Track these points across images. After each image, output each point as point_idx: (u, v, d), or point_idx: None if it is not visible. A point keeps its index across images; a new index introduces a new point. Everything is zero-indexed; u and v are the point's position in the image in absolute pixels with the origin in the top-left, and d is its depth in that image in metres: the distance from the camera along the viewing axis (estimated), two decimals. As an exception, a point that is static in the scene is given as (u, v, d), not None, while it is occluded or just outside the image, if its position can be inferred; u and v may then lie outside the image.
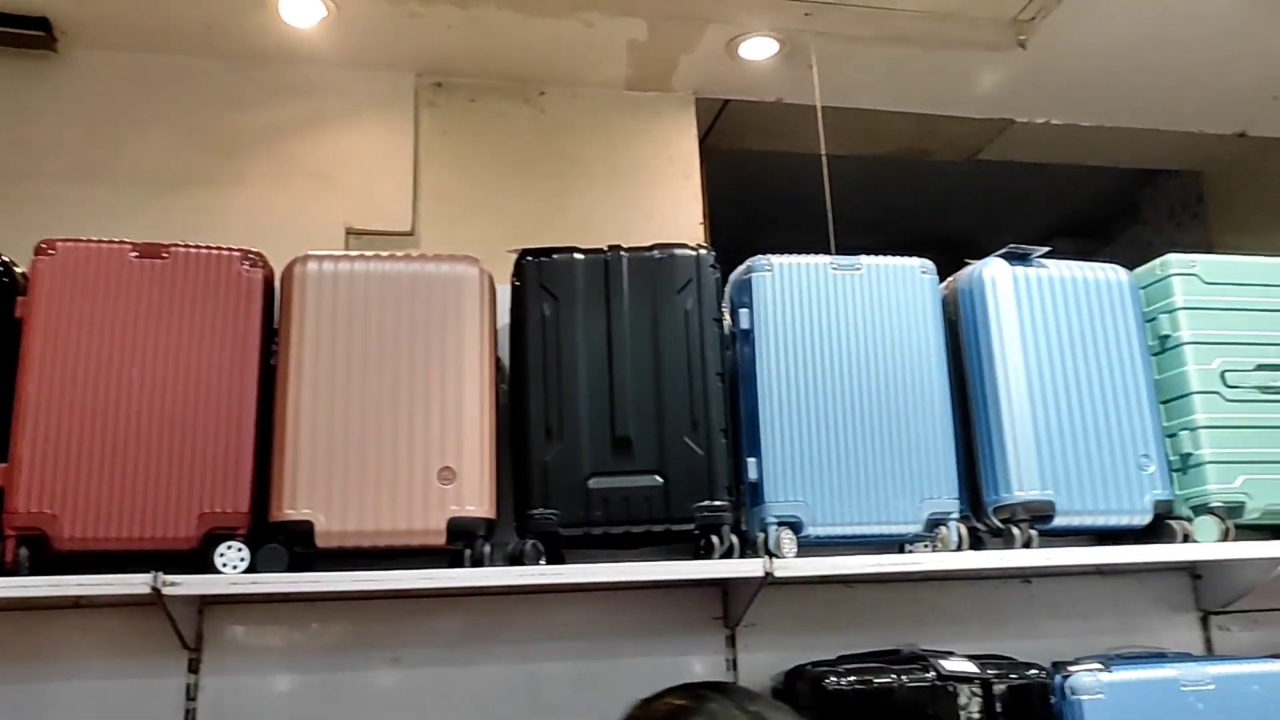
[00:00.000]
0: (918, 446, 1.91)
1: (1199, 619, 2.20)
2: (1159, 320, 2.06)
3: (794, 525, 1.84)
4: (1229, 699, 1.82)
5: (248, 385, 1.69)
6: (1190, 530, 1.95)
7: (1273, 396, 2.01)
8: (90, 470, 1.61)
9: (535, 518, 1.77)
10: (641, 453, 1.81)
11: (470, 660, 1.94)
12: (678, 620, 2.02)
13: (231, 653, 1.85)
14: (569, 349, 1.84)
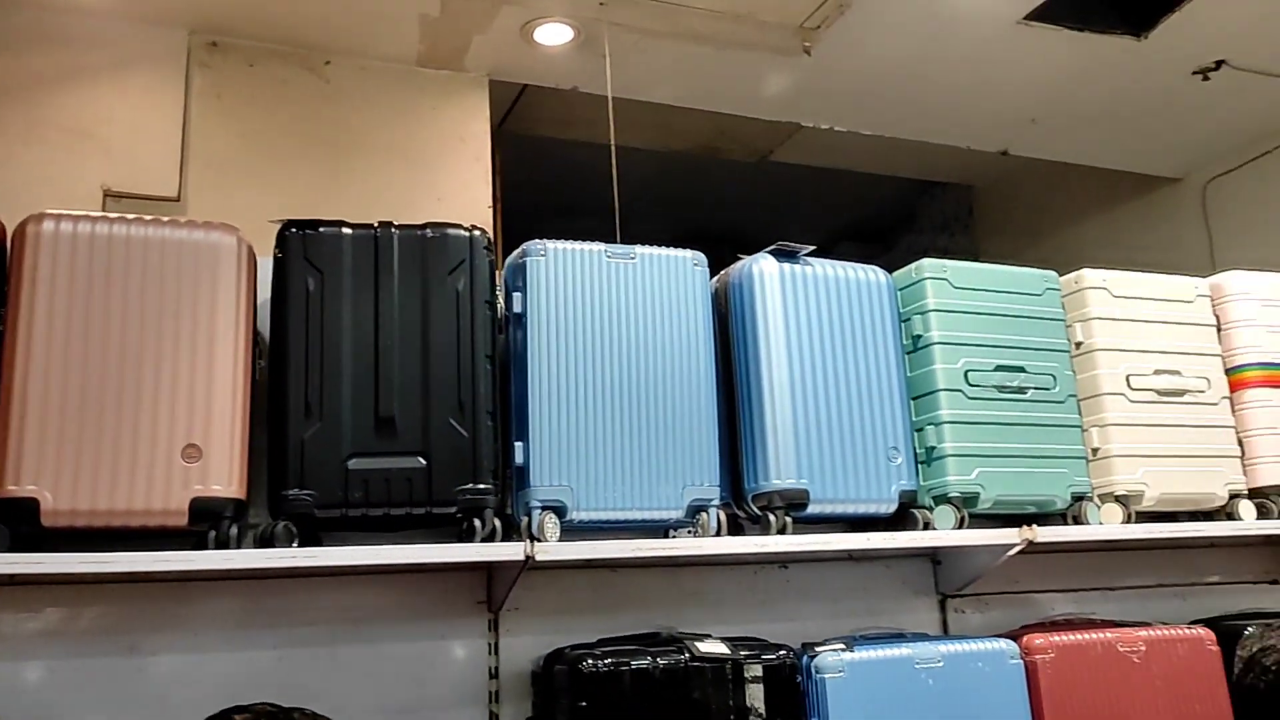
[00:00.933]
0: (682, 435, 1.96)
1: (938, 601, 2.35)
2: (913, 320, 2.19)
3: (558, 510, 1.85)
4: (956, 675, 1.95)
5: (-30, 351, 1.56)
6: (930, 518, 2.08)
7: (1009, 396, 2.17)
8: None
9: (289, 499, 1.71)
10: (405, 434, 1.78)
11: (218, 646, 1.86)
12: (440, 604, 2.00)
13: (-59, 641, 1.70)
14: (333, 325, 1.78)
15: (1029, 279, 2.27)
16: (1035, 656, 2.01)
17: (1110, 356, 2.25)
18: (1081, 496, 2.18)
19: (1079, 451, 2.21)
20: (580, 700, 1.74)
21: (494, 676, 2.00)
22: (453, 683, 1.98)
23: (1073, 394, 2.24)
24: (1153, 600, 2.45)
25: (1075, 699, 2.00)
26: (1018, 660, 2.00)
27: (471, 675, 1.99)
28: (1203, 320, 2.37)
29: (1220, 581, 2.54)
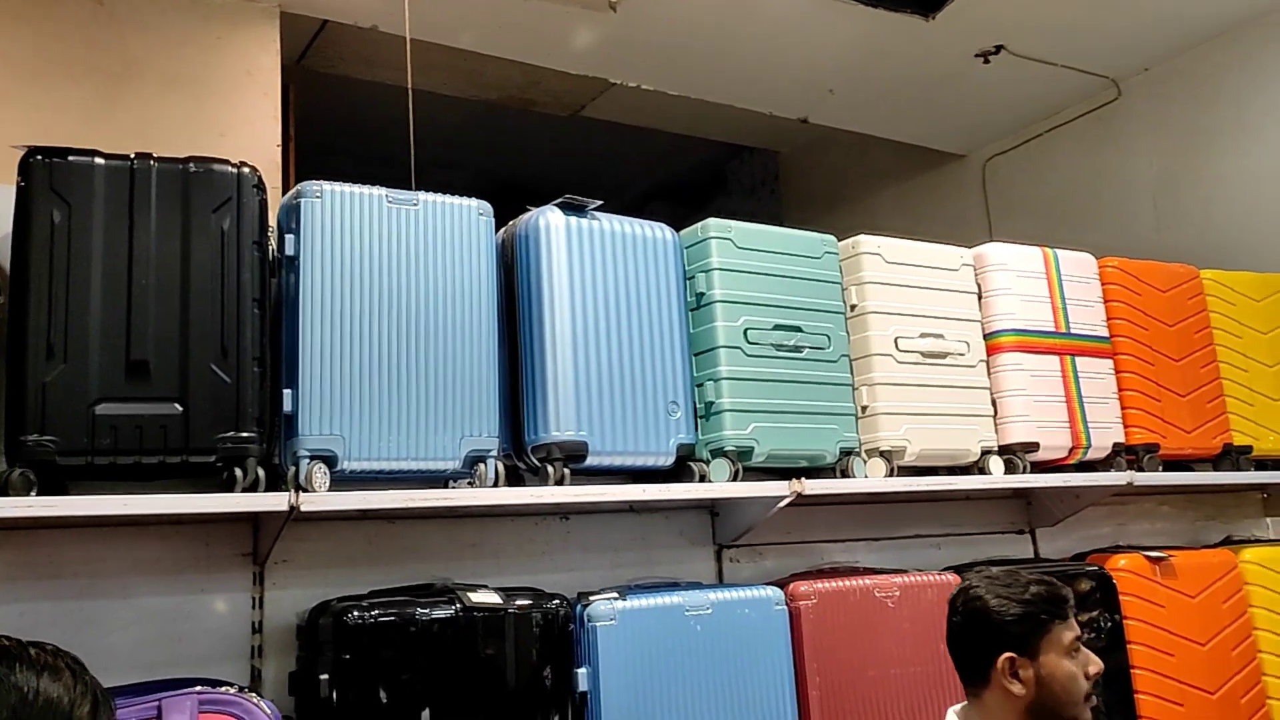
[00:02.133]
0: (461, 385, 1.94)
1: (714, 552, 2.43)
2: (697, 278, 2.23)
3: (328, 459, 1.80)
4: (724, 622, 2.03)
5: None
6: (706, 471, 2.14)
7: (786, 354, 2.25)
8: None
9: (28, 445, 1.59)
10: (160, 379, 1.69)
11: (-55, 604, 1.73)
12: (200, 557, 1.92)
13: None
14: (80, 261, 1.67)
15: (809, 242, 2.35)
16: (799, 603, 2.10)
17: (881, 319, 2.36)
18: (850, 451, 2.29)
19: (849, 409, 2.31)
20: (345, 653, 1.71)
21: (257, 631, 1.94)
22: (214, 638, 1.91)
23: (845, 354, 2.34)
24: (913, 549, 2.61)
25: (834, 641, 2.11)
26: (782, 606, 2.09)
27: (234, 630, 1.93)
28: (966, 288, 2.51)
29: (973, 532, 2.72)
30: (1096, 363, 2.60)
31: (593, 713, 1.89)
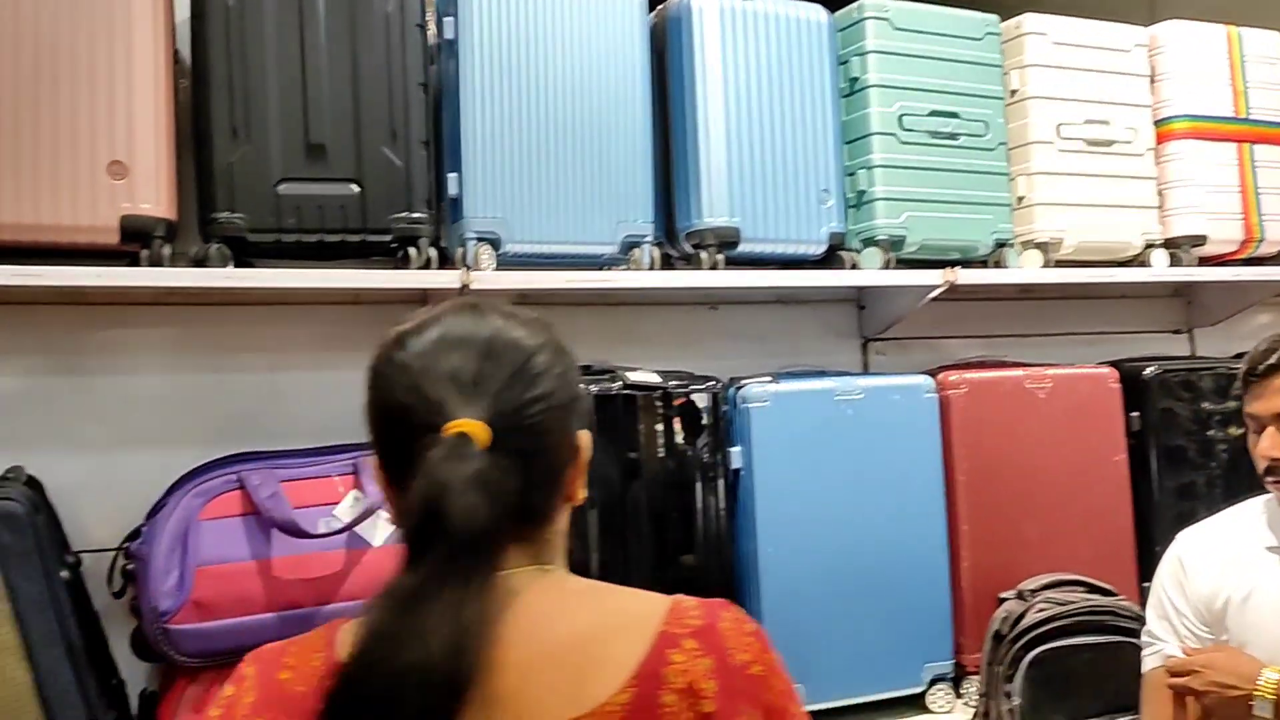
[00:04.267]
0: (617, 170, 1.96)
1: (860, 345, 2.45)
2: (851, 63, 2.17)
3: (492, 241, 1.86)
4: (874, 407, 2.06)
5: None
6: (857, 260, 2.14)
7: (941, 142, 2.19)
8: None
9: (220, 222, 1.69)
10: (336, 161, 1.76)
11: (157, 370, 1.89)
12: (374, 337, 2.02)
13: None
14: (256, 46, 1.72)
15: (970, 23, 2.25)
16: (949, 391, 2.12)
17: (1043, 105, 2.26)
18: (1004, 243, 2.25)
19: (1005, 199, 2.26)
20: (515, 421, 1.81)
21: (431, 405, 2.06)
22: (392, 411, 2.04)
23: (1003, 142, 2.26)
24: (1064, 347, 2.57)
25: (983, 430, 2.13)
26: (933, 394, 2.11)
27: (409, 405, 2.05)
28: (1138, 71, 2.38)
29: (1127, 331, 2.67)
30: (1277, 151, 2.45)
31: (746, 490, 1.97)
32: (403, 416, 0.87)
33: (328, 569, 1.58)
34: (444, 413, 0.86)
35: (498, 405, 0.88)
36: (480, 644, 0.80)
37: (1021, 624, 1.89)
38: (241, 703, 0.86)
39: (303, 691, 0.83)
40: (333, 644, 0.87)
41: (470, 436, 0.85)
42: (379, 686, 0.77)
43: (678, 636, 0.89)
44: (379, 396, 0.91)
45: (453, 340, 0.91)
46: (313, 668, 0.85)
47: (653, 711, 0.85)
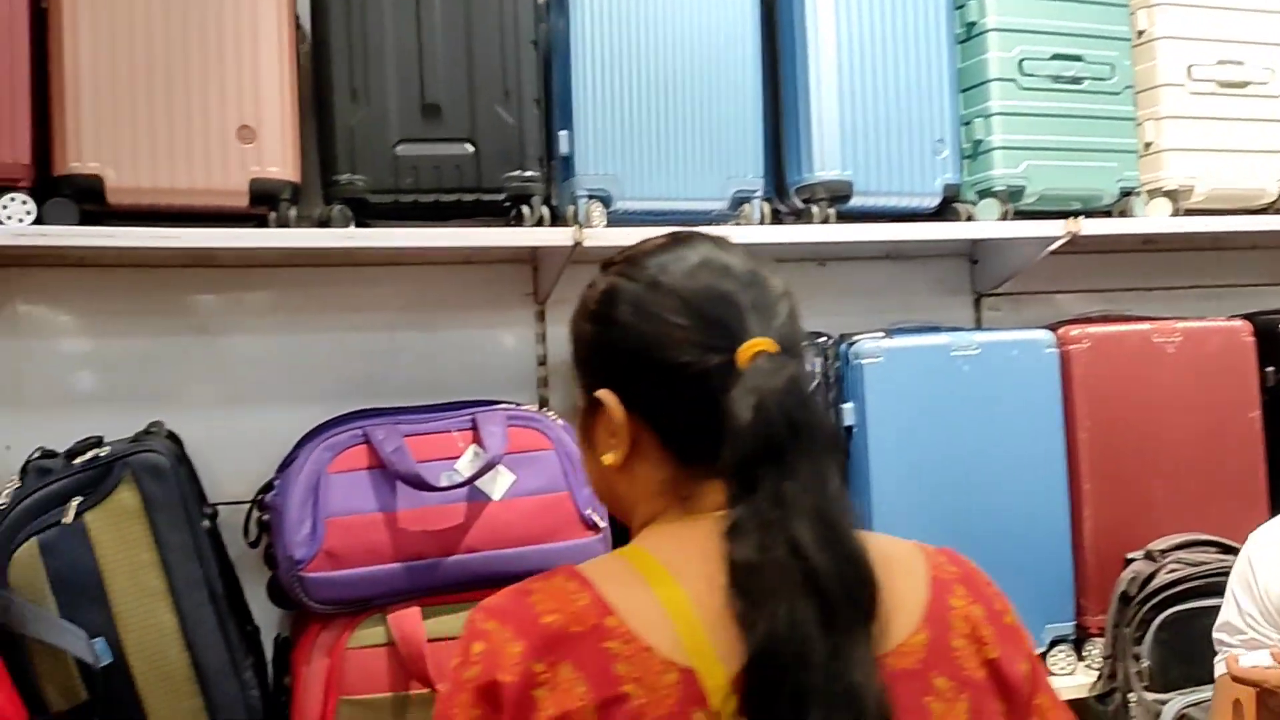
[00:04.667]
0: (726, 125, 1.94)
1: (973, 300, 2.40)
2: (968, 6, 2.10)
3: (603, 199, 1.87)
4: (991, 362, 2.01)
5: (17, 25, 1.54)
6: (973, 212, 2.09)
7: (1063, 86, 2.11)
8: None
9: (341, 183, 1.73)
10: (451, 120, 1.78)
11: (280, 329, 1.95)
12: (489, 295, 2.07)
13: (29, 317, 1.79)
14: (374, 9, 1.74)
15: (1094, -38, 2.16)
16: (1070, 346, 2.05)
17: (1172, 45, 2.16)
18: (1129, 191, 2.17)
19: (1131, 145, 2.17)
20: (629, 378, 1.82)
21: (542, 364, 2.09)
22: (504, 370, 2.07)
23: (1129, 85, 2.17)
24: (1190, 301, 2.47)
25: (1107, 386, 2.06)
26: (1053, 349, 2.05)
27: (521, 363, 2.09)
28: (1273, 7, 2.26)
29: (1259, 284, 2.55)
30: None
31: (859, 447, 1.95)
32: (683, 339, 0.87)
33: (450, 521, 1.62)
34: (738, 333, 0.86)
35: (782, 334, 0.89)
36: (863, 547, 0.82)
37: (1151, 585, 1.84)
38: (507, 653, 0.81)
39: (579, 632, 0.81)
40: (590, 584, 0.85)
41: (775, 354, 0.85)
42: (786, 596, 0.78)
43: (947, 582, 0.92)
44: (638, 321, 0.89)
45: (718, 268, 0.91)
46: (581, 608, 0.83)
47: (946, 654, 0.87)
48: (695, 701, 0.79)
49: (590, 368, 0.95)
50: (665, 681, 0.79)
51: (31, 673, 1.47)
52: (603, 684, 0.79)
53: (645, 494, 0.93)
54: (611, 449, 0.92)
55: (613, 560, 0.91)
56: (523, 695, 0.79)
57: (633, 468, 0.92)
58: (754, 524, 0.81)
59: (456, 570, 1.61)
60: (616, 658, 0.80)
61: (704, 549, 0.84)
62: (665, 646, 0.80)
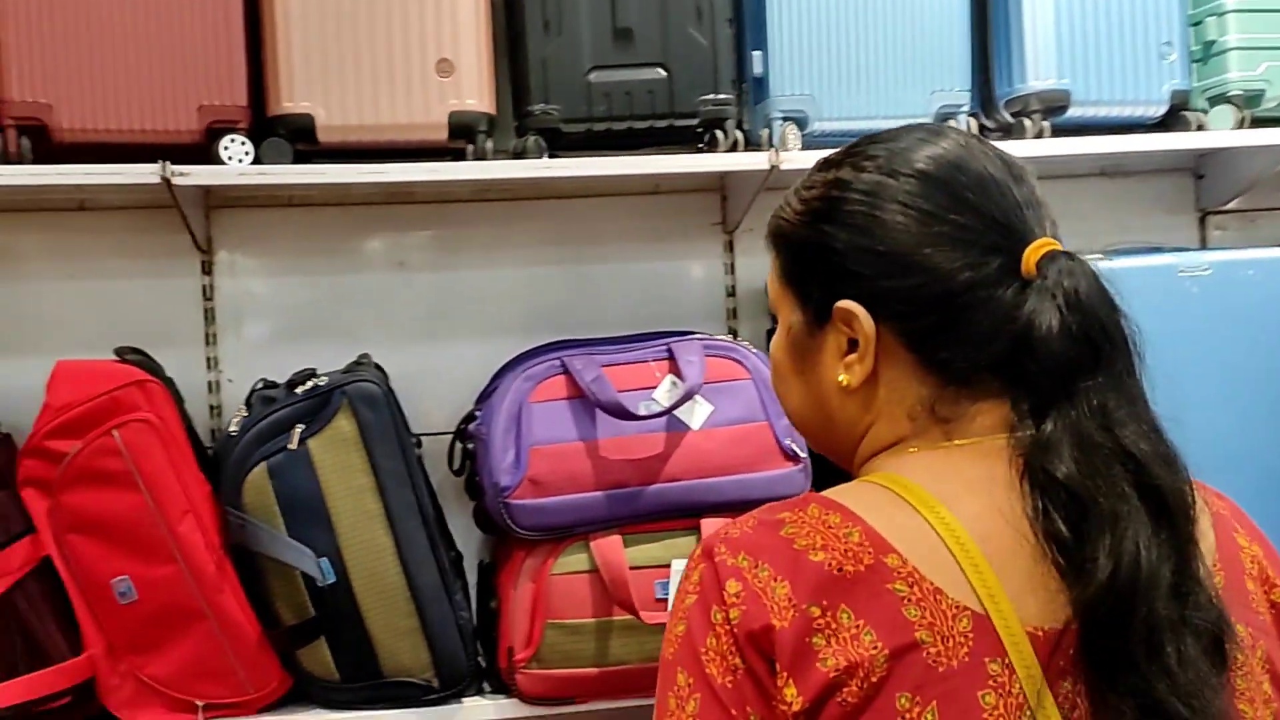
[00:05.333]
0: (930, 35, 1.84)
1: (1197, 219, 2.21)
2: (1197, -106, 1.92)
3: (799, 120, 1.80)
4: (1223, 283, 1.85)
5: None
6: (1204, 120, 1.92)
7: (1307, -24, 1.91)
8: (84, 58, 1.54)
9: (535, 113, 1.73)
10: (643, 44, 1.74)
11: (473, 264, 1.97)
12: (677, 225, 2.03)
13: (242, 256, 1.88)
14: (561, -68, 1.72)
15: None
16: (1313, 265, 1.87)
17: None
18: (1383, 92, 1.94)
19: (1386, 38, 1.94)
20: (827, 305, 1.77)
21: (731, 295, 2.05)
22: (693, 301, 2.04)
23: (1386, -32, 1.94)
24: None
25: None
26: (1293, 269, 1.87)
27: (710, 294, 2.05)
28: None
29: None
30: None
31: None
32: (958, 237, 0.78)
33: (649, 451, 1.61)
34: (1023, 231, 0.80)
35: (1056, 234, 0.83)
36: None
37: None
38: (774, 594, 0.71)
39: (857, 572, 0.72)
40: (857, 517, 0.75)
41: (1061, 253, 0.79)
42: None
43: (1226, 519, 0.84)
44: (899, 218, 0.80)
45: (984, 159, 0.83)
46: (854, 545, 0.73)
47: (1243, 598, 0.79)
48: (990, 651, 0.70)
49: (823, 276, 0.84)
50: (958, 628, 0.70)
51: (264, 589, 1.56)
52: (893, 631, 0.70)
53: (890, 417, 0.83)
54: (849, 367, 0.83)
55: (869, 489, 0.80)
56: (800, 643, 0.70)
57: (874, 389, 0.83)
58: (1072, 440, 0.73)
59: (656, 499, 1.61)
60: (905, 601, 0.70)
61: (977, 477, 0.76)
62: (954, 588, 0.71)
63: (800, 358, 0.88)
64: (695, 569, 0.76)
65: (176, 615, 1.52)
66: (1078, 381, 0.75)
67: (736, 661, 0.71)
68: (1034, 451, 0.74)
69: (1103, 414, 0.74)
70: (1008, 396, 0.79)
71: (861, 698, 0.68)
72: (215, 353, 1.85)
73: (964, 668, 0.69)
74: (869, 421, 0.85)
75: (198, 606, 1.52)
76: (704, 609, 0.73)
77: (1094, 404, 0.74)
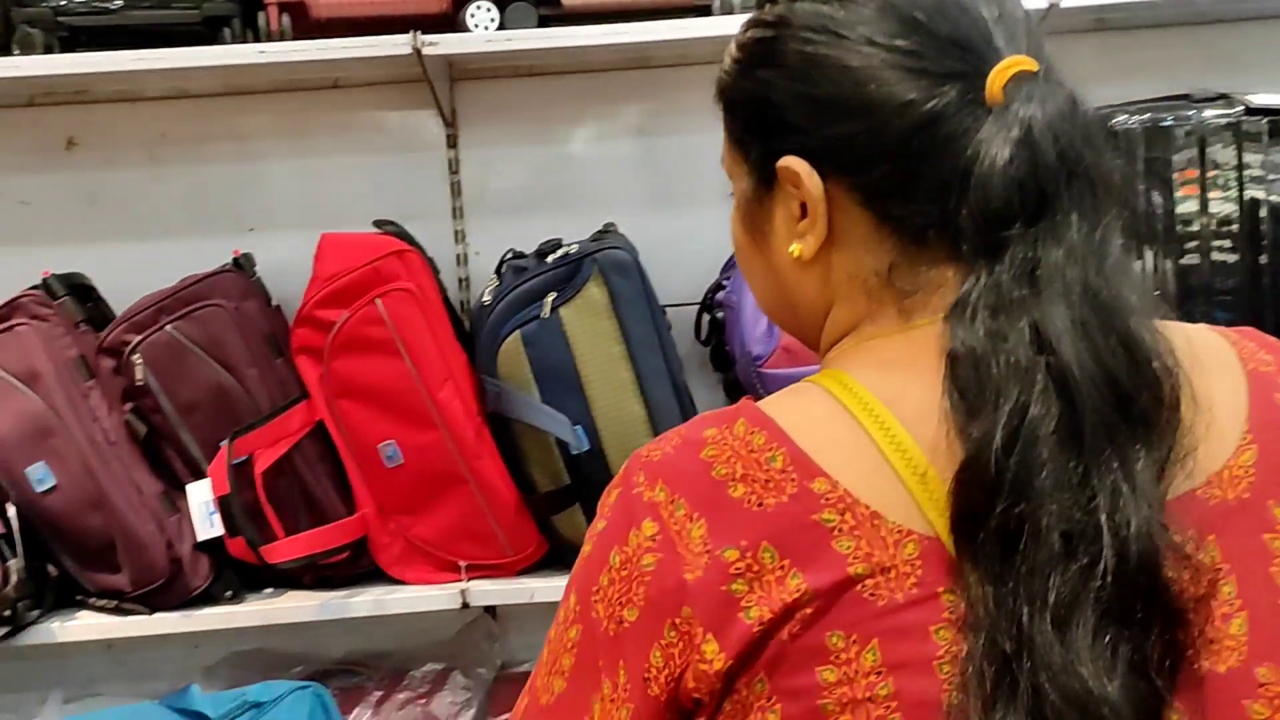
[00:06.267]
0: None
1: None
2: None
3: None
4: None
5: None
6: None
7: None
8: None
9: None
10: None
11: (717, 128, 1.90)
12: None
13: (486, 129, 1.87)
14: None
15: None
16: None
17: None
18: None
19: None
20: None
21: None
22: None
23: None
24: None
25: None
26: None
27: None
28: None
29: None
30: None
31: None
32: (908, 66, 0.66)
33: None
34: (986, 52, 0.66)
35: (1036, 53, 0.67)
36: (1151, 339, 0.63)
37: None
38: (689, 538, 0.63)
39: (779, 505, 0.62)
40: (784, 436, 0.64)
41: (1035, 74, 0.65)
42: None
43: (1267, 376, 0.69)
44: (837, 51, 0.68)
45: None
46: (775, 472, 0.63)
47: (1277, 474, 0.65)
48: (944, 578, 0.60)
49: (762, 131, 0.73)
50: (902, 556, 0.61)
51: (521, 456, 1.59)
52: (821, 568, 0.61)
53: (846, 292, 0.72)
54: (801, 235, 0.72)
55: (805, 396, 0.69)
56: (717, 593, 0.61)
57: (829, 258, 0.72)
58: (987, 301, 0.61)
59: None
60: (834, 532, 0.61)
61: (929, 366, 0.63)
62: (896, 510, 0.62)
63: (755, 230, 0.77)
64: (613, 491, 0.68)
65: (439, 479, 1.57)
66: (1014, 231, 0.62)
67: (624, 614, 0.64)
68: (951, 321, 0.63)
69: (1029, 274, 0.61)
70: (963, 259, 0.65)
71: (790, 644, 0.60)
72: (462, 226, 1.87)
73: (911, 601, 0.60)
74: (827, 301, 0.74)
75: (459, 471, 1.57)
76: (606, 545, 0.66)
77: (1024, 259, 0.61)
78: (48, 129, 1.84)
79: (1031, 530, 0.58)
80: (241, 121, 1.85)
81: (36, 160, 1.84)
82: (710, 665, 0.61)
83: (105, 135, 1.84)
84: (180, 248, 1.78)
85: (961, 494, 0.60)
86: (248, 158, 1.85)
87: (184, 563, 1.56)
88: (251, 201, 1.86)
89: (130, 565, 1.53)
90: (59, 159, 1.84)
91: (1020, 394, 0.59)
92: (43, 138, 1.84)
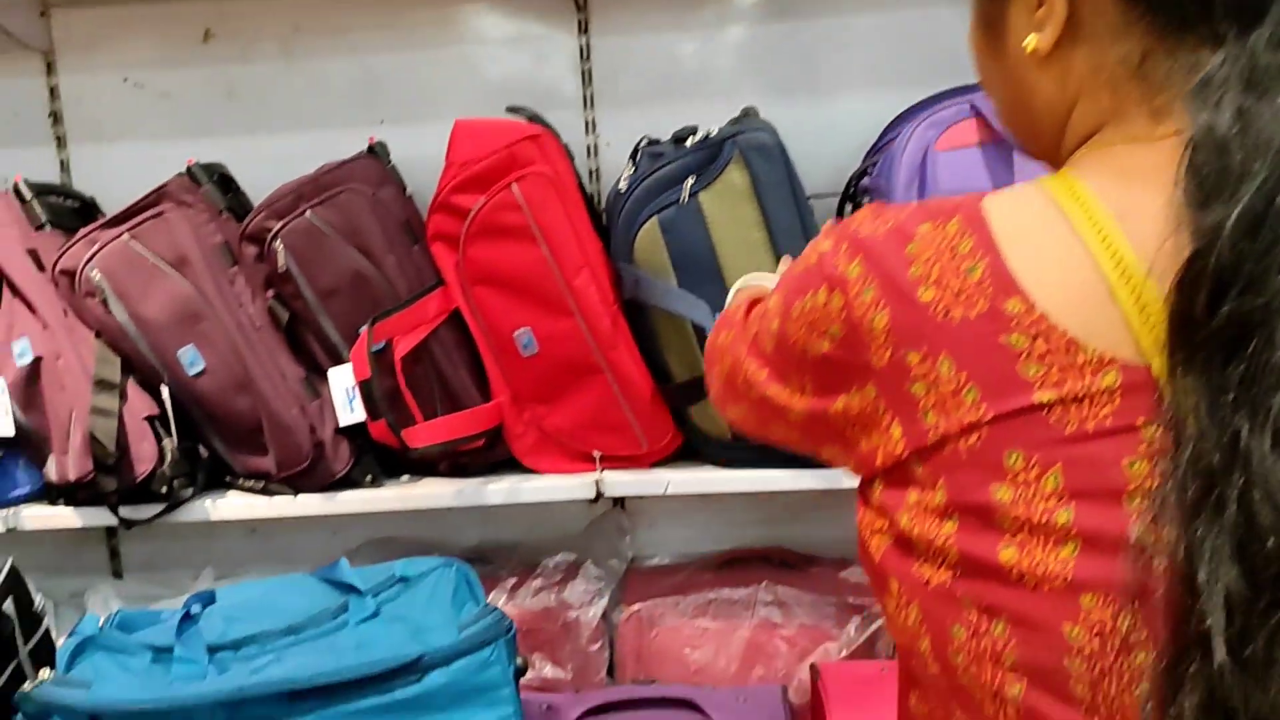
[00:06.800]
0: None
1: None
2: None
3: None
4: None
5: None
6: None
7: None
8: None
9: None
10: None
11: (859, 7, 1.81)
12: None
13: (616, 13, 1.81)
14: None
15: None
16: None
17: None
18: None
19: None
20: None
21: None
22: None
23: None
24: None
25: None
26: None
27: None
28: None
29: None
30: None
31: None
32: None
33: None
34: None
35: None
36: None
37: None
38: (870, 326, 0.63)
39: (965, 319, 0.60)
40: (993, 245, 0.61)
41: None
42: None
43: None
44: None
45: None
46: (970, 286, 0.61)
47: None
48: (1147, 409, 0.56)
49: None
50: (1100, 385, 0.57)
51: (657, 345, 1.56)
52: (1001, 391, 0.59)
53: (1089, 89, 0.66)
54: (1039, 25, 0.66)
55: (1029, 201, 0.64)
56: (899, 389, 0.62)
57: (1070, 52, 0.66)
58: (1240, 74, 0.55)
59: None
60: (1022, 356, 0.58)
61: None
62: (1101, 335, 0.58)
63: (991, 32, 0.72)
64: (815, 251, 0.68)
65: (575, 368, 1.56)
66: None
67: (813, 345, 0.66)
68: (1193, 102, 0.55)
69: None
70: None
71: (966, 457, 0.60)
72: (592, 116, 1.83)
73: (1103, 431, 0.57)
74: (1069, 102, 0.68)
75: (594, 361, 1.55)
76: (802, 288, 0.68)
77: None
78: (186, 21, 1.85)
79: (1264, 334, 0.52)
80: (371, 12, 1.83)
81: (175, 53, 1.86)
82: (895, 446, 0.63)
83: (241, 26, 1.84)
84: (314, 139, 1.79)
85: (1184, 291, 0.54)
86: (378, 49, 1.84)
87: (326, 447, 1.59)
88: (382, 94, 1.84)
89: (276, 447, 1.56)
90: (197, 51, 1.86)
91: (1269, 176, 0.53)
92: (182, 29, 1.85)
